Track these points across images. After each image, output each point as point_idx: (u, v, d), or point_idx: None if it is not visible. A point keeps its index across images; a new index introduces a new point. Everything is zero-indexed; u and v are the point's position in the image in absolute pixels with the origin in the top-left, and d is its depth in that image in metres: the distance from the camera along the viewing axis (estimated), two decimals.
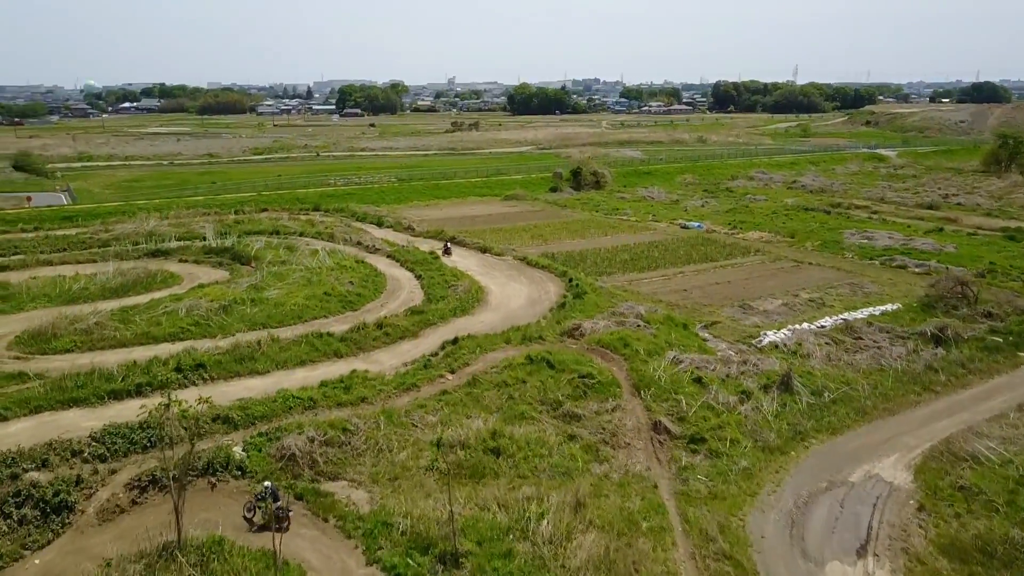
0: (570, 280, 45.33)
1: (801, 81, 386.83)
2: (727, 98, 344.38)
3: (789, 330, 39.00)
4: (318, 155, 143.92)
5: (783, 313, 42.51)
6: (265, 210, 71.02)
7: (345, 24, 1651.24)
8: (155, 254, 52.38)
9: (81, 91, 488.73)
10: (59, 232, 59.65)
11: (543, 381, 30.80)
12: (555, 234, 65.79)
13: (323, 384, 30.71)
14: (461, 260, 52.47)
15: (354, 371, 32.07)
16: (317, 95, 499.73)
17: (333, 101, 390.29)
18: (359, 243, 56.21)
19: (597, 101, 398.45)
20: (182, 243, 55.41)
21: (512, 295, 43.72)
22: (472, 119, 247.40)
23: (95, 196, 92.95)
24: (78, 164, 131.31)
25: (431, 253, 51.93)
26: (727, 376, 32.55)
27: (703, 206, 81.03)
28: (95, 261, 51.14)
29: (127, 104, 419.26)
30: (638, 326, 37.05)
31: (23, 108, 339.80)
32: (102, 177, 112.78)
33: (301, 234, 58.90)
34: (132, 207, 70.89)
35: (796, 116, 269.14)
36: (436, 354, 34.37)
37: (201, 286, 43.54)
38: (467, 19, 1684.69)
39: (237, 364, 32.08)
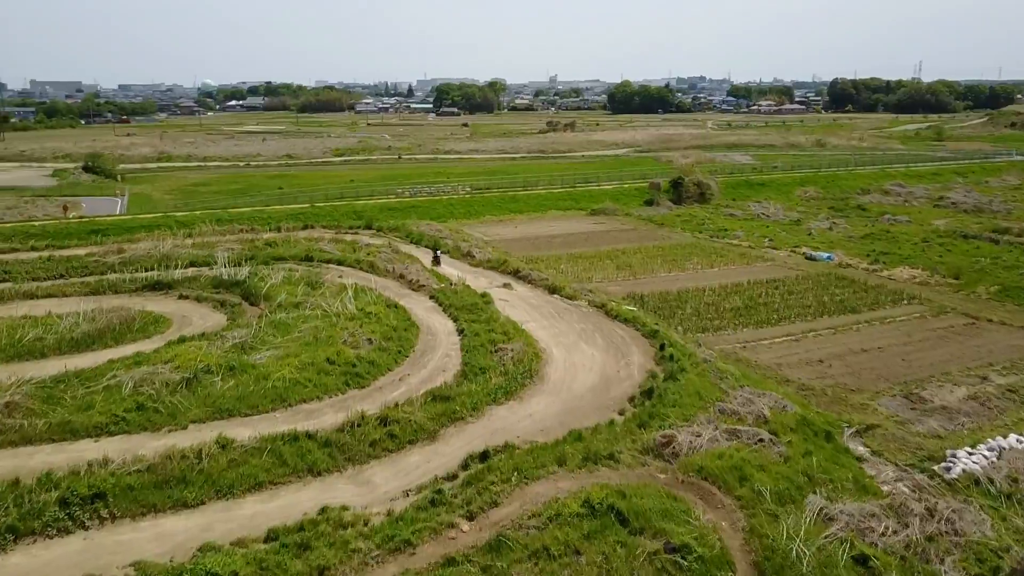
0: (662, 346, 33.24)
1: (926, 78, 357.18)
2: (844, 97, 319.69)
3: (991, 448, 25.90)
4: (400, 158, 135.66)
5: (973, 412, 29.28)
6: (309, 227, 61.74)
7: (450, 23, 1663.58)
8: (156, 286, 43.42)
9: (199, 89, 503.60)
10: (67, 252, 51.80)
11: (608, 555, 19.17)
12: (647, 263, 53.62)
13: (271, 537, 20.12)
14: (520, 304, 41.17)
15: (325, 509, 21.35)
16: (419, 93, 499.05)
17: (431, 99, 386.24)
18: (401, 276, 45.75)
19: (702, 100, 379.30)
20: (196, 270, 46.40)
21: (580, 367, 32.07)
22: (569, 118, 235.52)
23: (151, 202, 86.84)
24: (154, 165, 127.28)
25: (483, 296, 40.75)
26: (908, 547, 20.10)
27: (830, 229, 66.95)
28: (87, 294, 42.61)
29: (233, 102, 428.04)
30: (760, 440, 24.83)
31: (134, 106, 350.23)
32: (169, 180, 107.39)
33: (339, 262, 48.95)
34: (169, 220, 63.02)
35: (924, 116, 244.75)
36: (454, 477, 23.27)
37: (181, 340, 33.88)
38: (570, 16, 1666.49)
39: (156, 491, 21.85)
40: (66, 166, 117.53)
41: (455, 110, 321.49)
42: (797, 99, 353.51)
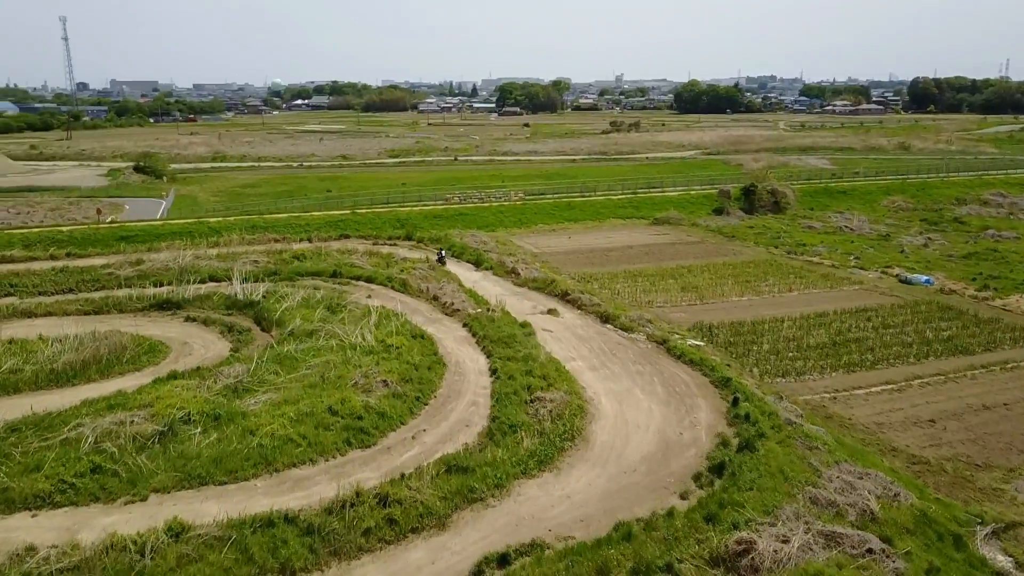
0: (735, 400, 27.27)
1: (1014, 77, 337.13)
2: (926, 97, 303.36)
3: None
4: (455, 160, 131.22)
5: None
6: (345, 236, 57.21)
7: (516, 23, 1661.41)
8: (164, 305, 39.26)
9: (268, 88, 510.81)
10: (85, 262, 48.32)
11: None
12: (716, 284, 47.39)
13: None
14: (567, 336, 35.57)
15: None
16: (483, 92, 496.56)
17: (494, 99, 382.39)
18: (435, 297, 40.64)
19: (773, 100, 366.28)
20: (214, 285, 42.23)
21: (634, 426, 26.34)
22: (633, 118, 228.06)
23: (196, 204, 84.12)
24: (207, 165, 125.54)
25: (523, 326, 35.28)
26: None
27: (925, 245, 59.42)
28: (90, 312, 38.74)
29: (299, 101, 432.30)
30: (868, 551, 18.77)
31: (203, 105, 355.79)
32: (219, 181, 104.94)
33: (369, 279, 44.13)
34: (202, 226, 59.42)
35: (1015, 118, 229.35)
36: None
37: (171, 376, 29.41)
38: (637, 15, 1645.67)
39: None
40: (121, 165, 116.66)
41: (517, 109, 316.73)
42: (874, 99, 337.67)
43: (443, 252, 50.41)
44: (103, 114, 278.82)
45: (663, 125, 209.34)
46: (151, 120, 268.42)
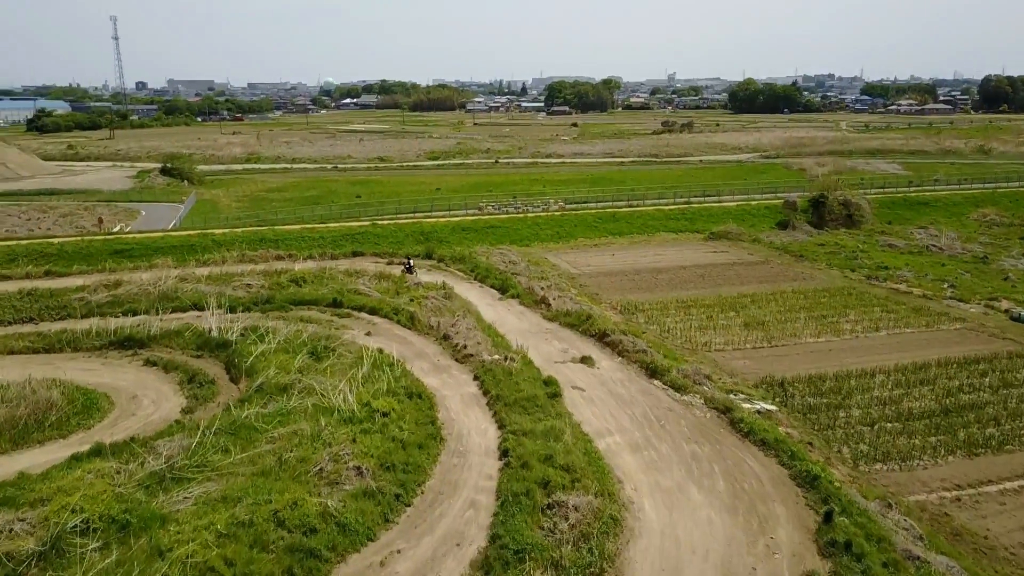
0: (828, 515, 19.80)
1: None
2: (998, 95, 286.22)
3: None
4: (496, 162, 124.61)
5: None
6: (359, 254, 50.81)
7: (568, 21, 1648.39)
8: (126, 343, 33.16)
9: (320, 88, 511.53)
10: (61, 282, 42.77)
11: None
12: (787, 319, 39.68)
13: None
14: (603, 396, 28.37)
15: None
16: (533, 91, 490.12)
17: (543, 98, 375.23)
18: (446, 337, 33.83)
19: (833, 99, 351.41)
20: (193, 315, 36.11)
21: (687, 551, 19.09)
22: (686, 118, 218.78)
23: (215, 210, 78.96)
24: (239, 166, 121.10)
25: (548, 384, 28.20)
26: None
27: None
28: (39, 350, 32.89)
29: (348, 100, 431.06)
30: None
31: (251, 104, 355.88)
32: (247, 184, 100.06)
33: (373, 310, 37.53)
34: (205, 239, 53.73)
35: None
36: None
37: (92, 452, 23.14)
38: (690, 12, 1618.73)
39: None
40: (151, 167, 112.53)
41: (566, 108, 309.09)
42: (941, 98, 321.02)
43: (411, 261, 46.77)
44: (152, 113, 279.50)
45: (717, 125, 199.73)
46: (199, 119, 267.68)
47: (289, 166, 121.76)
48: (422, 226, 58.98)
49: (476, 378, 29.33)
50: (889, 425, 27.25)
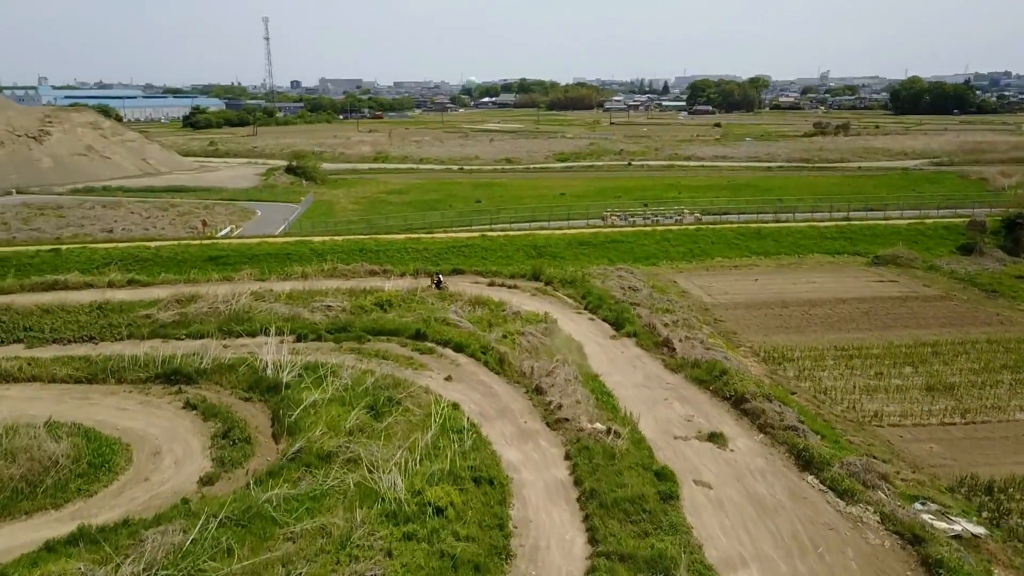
0: None
1: None
2: None
3: None
4: (629, 164, 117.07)
5: None
6: (459, 272, 45.10)
7: (711, 17, 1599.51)
8: (172, 378, 28.76)
9: (463, 86, 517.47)
10: (140, 294, 39.44)
11: None
12: (984, 381, 30.56)
13: None
14: (737, 500, 20.98)
15: None
16: (675, 90, 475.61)
17: (685, 97, 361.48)
18: (539, 390, 27.32)
19: (1011, 98, 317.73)
20: (262, 341, 31.35)
21: None
22: (841, 119, 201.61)
23: (331, 212, 76.38)
24: (365, 166, 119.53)
25: (661, 478, 21.16)
26: None
27: None
28: (80, 380, 29.08)
29: (486, 99, 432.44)
30: None
31: (392, 102, 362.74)
32: (368, 185, 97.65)
33: (459, 347, 31.54)
34: (303, 247, 49.86)
35: None
36: None
37: (72, 539, 18.33)
38: (846, 7, 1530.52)
39: None
40: (281, 164, 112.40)
41: (709, 108, 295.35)
42: None
43: (441, 277, 42.14)
44: (298, 110, 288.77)
45: (877, 127, 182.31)
46: (340, 117, 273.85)
47: (415, 166, 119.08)
48: (535, 239, 52.74)
49: (568, 457, 22.69)
50: None
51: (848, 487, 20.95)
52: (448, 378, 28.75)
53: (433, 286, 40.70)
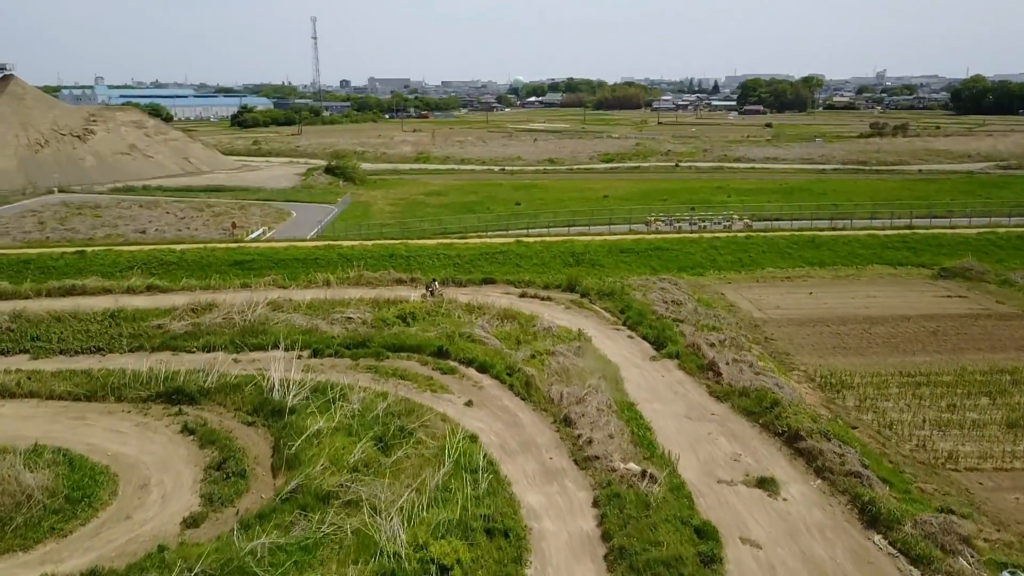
0: None
1: None
2: None
3: None
4: (676, 165, 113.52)
5: None
6: (490, 281, 42.62)
7: (766, 16, 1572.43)
8: (174, 397, 26.77)
9: (510, 86, 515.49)
10: (156, 301, 37.81)
11: None
12: None
13: None
14: (788, 563, 18.04)
15: None
16: (725, 89, 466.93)
17: (735, 97, 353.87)
18: (567, 421, 24.64)
19: None
20: (273, 355, 29.19)
21: None
22: (899, 119, 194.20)
23: (367, 214, 74.78)
24: (406, 166, 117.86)
25: (703, 534, 18.34)
26: None
27: None
28: (80, 397, 27.28)
29: (533, 98, 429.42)
30: None
31: (438, 101, 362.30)
32: (408, 186, 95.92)
33: (483, 367, 29.03)
34: (331, 252, 48.07)
35: None
36: None
37: None
38: (901, 4, 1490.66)
39: None
40: (320, 164, 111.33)
41: (760, 108, 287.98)
42: None
43: (435, 283, 39.80)
44: (344, 109, 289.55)
45: (937, 128, 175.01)
46: (386, 116, 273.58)
47: (457, 167, 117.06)
48: (573, 245, 50.03)
49: (597, 504, 19.99)
50: None
51: (923, 552, 17.88)
52: (469, 403, 26.26)
53: (429, 294, 38.32)
